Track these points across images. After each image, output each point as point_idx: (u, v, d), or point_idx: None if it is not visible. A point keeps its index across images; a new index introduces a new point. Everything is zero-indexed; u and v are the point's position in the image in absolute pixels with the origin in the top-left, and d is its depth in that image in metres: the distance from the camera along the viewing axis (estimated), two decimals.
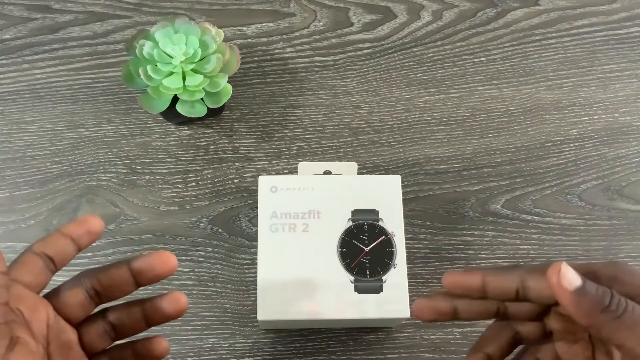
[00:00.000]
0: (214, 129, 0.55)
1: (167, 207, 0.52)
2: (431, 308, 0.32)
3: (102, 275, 0.31)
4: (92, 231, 0.31)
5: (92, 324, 0.32)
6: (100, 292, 0.31)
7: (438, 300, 0.32)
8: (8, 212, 0.52)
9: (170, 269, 0.31)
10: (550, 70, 0.59)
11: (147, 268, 0.31)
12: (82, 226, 0.31)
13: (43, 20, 0.59)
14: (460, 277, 0.31)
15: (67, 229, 0.31)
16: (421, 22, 0.60)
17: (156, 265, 0.31)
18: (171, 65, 0.49)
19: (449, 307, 0.32)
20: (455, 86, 0.58)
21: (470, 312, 0.32)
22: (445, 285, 0.32)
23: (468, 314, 0.32)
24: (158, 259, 0.31)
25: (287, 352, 0.48)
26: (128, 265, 0.31)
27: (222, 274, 0.50)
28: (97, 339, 0.32)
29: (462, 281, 0.31)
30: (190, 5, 0.60)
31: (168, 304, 0.32)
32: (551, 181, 0.54)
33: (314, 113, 0.56)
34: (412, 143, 0.55)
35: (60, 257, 0.31)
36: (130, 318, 0.32)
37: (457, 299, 0.32)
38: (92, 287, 0.31)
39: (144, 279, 0.31)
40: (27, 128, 0.55)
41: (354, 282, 0.43)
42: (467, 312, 0.32)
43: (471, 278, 0.31)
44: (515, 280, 0.30)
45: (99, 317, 0.32)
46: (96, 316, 0.32)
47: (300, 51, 0.59)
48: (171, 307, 0.32)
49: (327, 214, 0.45)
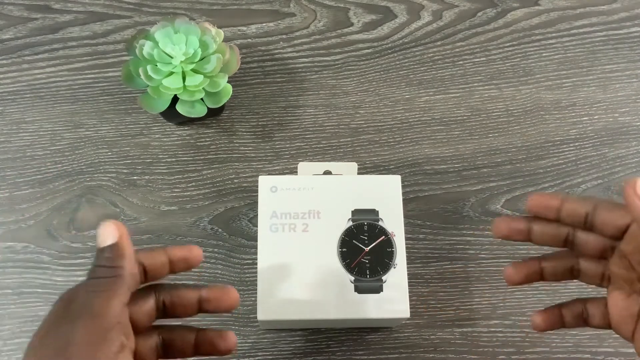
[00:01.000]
0: (214, 129, 0.55)
1: (167, 207, 0.52)
2: (509, 224, 0.34)
3: (175, 292, 0.33)
4: (190, 260, 0.33)
5: (149, 336, 0.33)
6: (168, 307, 0.33)
7: (516, 219, 0.35)
8: (8, 212, 0.52)
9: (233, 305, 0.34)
10: (550, 70, 0.59)
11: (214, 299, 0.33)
12: (184, 252, 0.33)
13: (43, 20, 0.59)
14: (543, 197, 0.34)
15: (171, 250, 0.33)
16: (421, 22, 0.60)
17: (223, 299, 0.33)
18: (171, 65, 0.49)
19: (525, 226, 0.34)
20: (455, 86, 0.58)
21: (542, 234, 0.34)
22: (529, 204, 0.34)
23: (541, 235, 0.34)
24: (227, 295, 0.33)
25: (287, 352, 0.48)
26: (199, 291, 0.33)
27: (222, 274, 0.50)
28: (147, 352, 0.32)
29: (544, 201, 0.33)
30: (190, 5, 0.60)
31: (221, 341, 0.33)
32: (551, 181, 0.54)
33: (314, 113, 0.56)
34: (412, 143, 0.55)
35: (154, 273, 0.32)
36: (182, 341, 0.33)
37: (533, 222, 0.34)
38: (163, 300, 0.32)
39: (208, 307, 0.33)
40: (27, 128, 0.55)
41: (354, 282, 0.43)
42: (540, 234, 0.34)
43: (552, 199, 0.33)
44: (587, 206, 0.32)
45: (155, 331, 0.33)
46: (152, 330, 0.33)
47: (300, 51, 0.59)
48: (222, 345, 0.33)
49: (327, 214, 0.45)
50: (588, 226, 0.32)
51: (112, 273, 0.30)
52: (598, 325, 0.34)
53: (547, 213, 0.33)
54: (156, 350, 0.33)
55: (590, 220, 0.32)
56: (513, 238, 0.35)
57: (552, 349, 0.49)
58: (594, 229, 0.32)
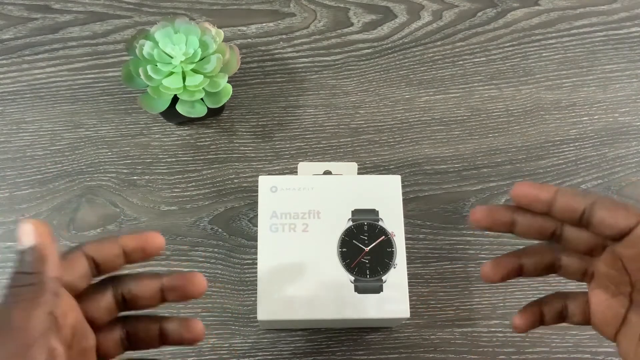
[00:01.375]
0: (214, 129, 0.55)
1: (167, 207, 0.52)
2: (489, 215, 0.31)
3: (134, 284, 0.31)
4: (147, 250, 0.30)
5: (110, 330, 0.31)
6: (128, 299, 0.31)
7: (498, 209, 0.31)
8: (8, 212, 0.52)
9: (200, 291, 0.31)
10: (550, 70, 0.59)
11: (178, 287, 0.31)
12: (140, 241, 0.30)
13: (43, 20, 0.59)
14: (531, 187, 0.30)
15: (124, 240, 0.30)
16: (421, 22, 0.60)
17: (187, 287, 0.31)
18: (171, 65, 0.49)
19: (508, 218, 0.31)
20: (455, 86, 0.58)
21: (528, 227, 0.31)
22: (513, 194, 0.30)
23: (525, 228, 0.31)
24: (191, 281, 0.31)
25: (287, 352, 0.48)
26: (160, 280, 0.31)
27: (222, 274, 0.50)
28: (112, 346, 0.31)
29: (533, 192, 0.30)
30: (190, 5, 0.60)
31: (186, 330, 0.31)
32: (551, 181, 0.54)
33: (314, 113, 0.56)
34: (412, 143, 0.55)
35: (106, 265, 0.30)
36: (146, 333, 0.31)
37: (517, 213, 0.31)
38: (122, 293, 0.31)
39: (172, 296, 0.31)
40: (27, 128, 0.55)
41: (354, 282, 0.43)
42: (524, 227, 0.31)
43: (543, 190, 0.30)
44: (585, 202, 0.29)
45: (118, 324, 0.31)
46: (114, 323, 0.31)
47: (300, 51, 0.59)
48: (188, 334, 0.31)
49: (327, 214, 0.45)
50: (583, 224, 0.30)
51: (33, 280, 0.26)
52: (578, 322, 0.33)
53: (536, 206, 0.30)
54: (121, 343, 0.31)
55: (587, 218, 0.29)
56: (493, 229, 0.31)
57: (552, 349, 0.49)
58: (590, 227, 0.29)
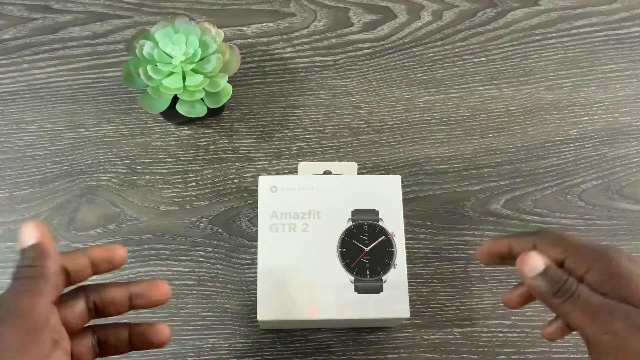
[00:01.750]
0: (214, 129, 0.55)
1: (167, 207, 0.52)
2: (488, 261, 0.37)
3: (104, 292, 0.32)
4: (113, 261, 0.32)
5: (83, 337, 0.33)
6: (99, 307, 0.32)
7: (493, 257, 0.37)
8: (8, 212, 0.52)
9: (163, 299, 0.33)
10: (550, 70, 0.59)
11: (143, 293, 0.33)
12: (106, 253, 0.32)
13: (43, 20, 0.59)
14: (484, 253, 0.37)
15: (91, 252, 0.32)
16: (421, 22, 0.60)
17: (152, 293, 0.33)
18: (171, 65, 0.49)
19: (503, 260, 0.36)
20: (455, 86, 0.58)
21: None
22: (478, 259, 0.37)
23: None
24: (155, 288, 0.33)
25: (287, 352, 0.48)
26: (128, 287, 0.33)
27: (222, 274, 0.50)
28: (84, 352, 0.32)
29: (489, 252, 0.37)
30: (190, 5, 0.60)
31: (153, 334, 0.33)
32: (551, 181, 0.54)
33: (314, 113, 0.56)
34: (412, 143, 0.55)
35: (76, 275, 0.32)
36: (116, 338, 0.33)
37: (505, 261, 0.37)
38: (94, 300, 0.32)
39: (139, 303, 0.33)
40: (27, 128, 0.55)
41: (354, 282, 0.43)
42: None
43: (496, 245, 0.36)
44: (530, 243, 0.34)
45: (89, 331, 0.33)
46: (86, 330, 0.33)
47: (300, 51, 0.59)
48: (154, 338, 0.33)
49: (327, 214, 0.45)
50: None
51: (36, 272, 0.29)
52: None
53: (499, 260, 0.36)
54: (93, 349, 0.33)
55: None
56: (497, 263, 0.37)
57: (552, 349, 0.49)
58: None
